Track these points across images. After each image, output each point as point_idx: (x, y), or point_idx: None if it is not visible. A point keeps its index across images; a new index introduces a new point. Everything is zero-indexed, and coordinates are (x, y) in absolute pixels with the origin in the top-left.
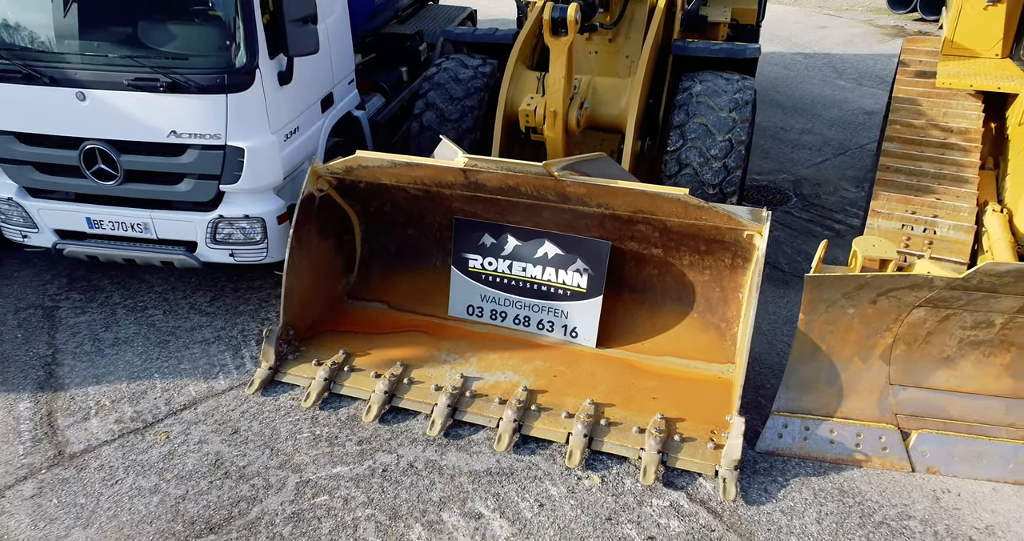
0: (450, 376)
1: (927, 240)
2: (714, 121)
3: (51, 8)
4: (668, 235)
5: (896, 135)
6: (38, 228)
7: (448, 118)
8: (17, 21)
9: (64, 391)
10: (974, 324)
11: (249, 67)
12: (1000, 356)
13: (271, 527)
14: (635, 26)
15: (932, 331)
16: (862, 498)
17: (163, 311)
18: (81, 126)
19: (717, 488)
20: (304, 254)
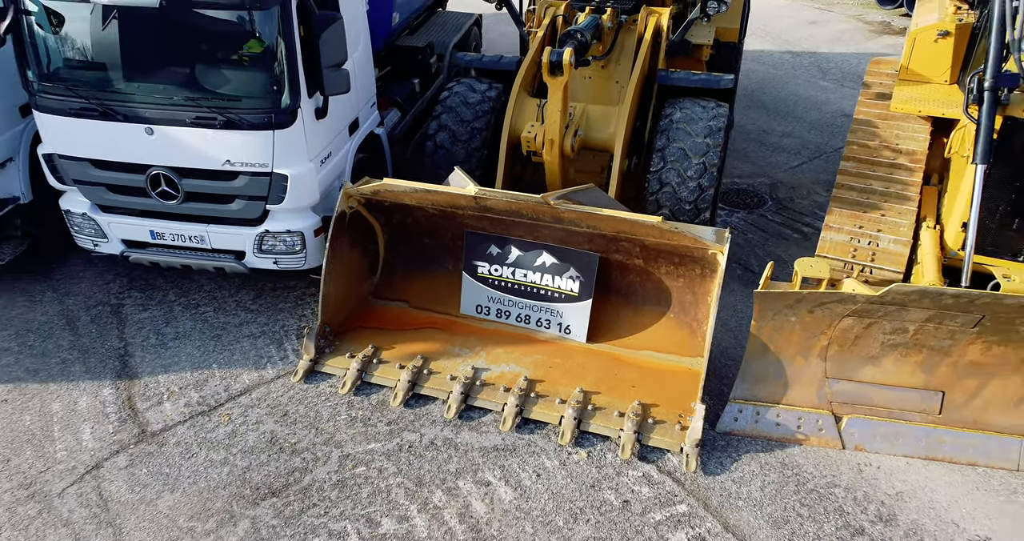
0: (463, 367)
1: (871, 251)
2: (690, 146)
3: (124, 57)
4: (647, 250)
5: (852, 155)
6: (107, 238)
7: (459, 138)
8: (95, 67)
9: (139, 379)
10: (892, 330)
11: (292, 107)
12: (914, 356)
13: (321, 492)
14: (625, 54)
15: (859, 335)
16: (799, 470)
17: (213, 308)
18: (149, 155)
19: (681, 462)
20: (337, 262)
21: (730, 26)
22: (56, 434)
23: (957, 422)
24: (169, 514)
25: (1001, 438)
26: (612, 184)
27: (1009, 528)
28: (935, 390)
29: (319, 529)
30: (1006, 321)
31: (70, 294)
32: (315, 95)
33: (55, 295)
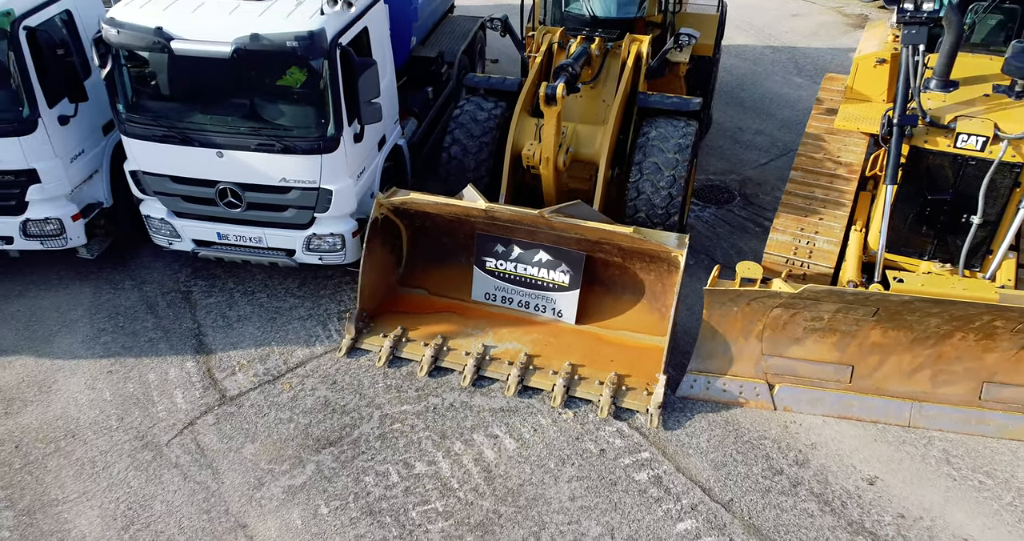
0: (475, 345)
1: (809, 250)
2: (663, 161)
3: (199, 94)
4: (624, 251)
5: (800, 166)
6: (181, 238)
7: (469, 151)
8: (175, 101)
9: (214, 354)
10: (812, 318)
11: (336, 136)
12: (830, 337)
13: (367, 443)
14: (611, 76)
15: (787, 322)
16: (738, 426)
17: (267, 295)
18: (219, 173)
19: (647, 420)
20: (372, 259)
21: (705, 42)
22: (155, 398)
23: (863, 389)
24: (252, 459)
25: (896, 401)
26: (597, 192)
27: (895, 469)
28: (846, 364)
29: (368, 470)
30: (896, 312)
31: (146, 283)
32: (353, 124)
33: (134, 283)
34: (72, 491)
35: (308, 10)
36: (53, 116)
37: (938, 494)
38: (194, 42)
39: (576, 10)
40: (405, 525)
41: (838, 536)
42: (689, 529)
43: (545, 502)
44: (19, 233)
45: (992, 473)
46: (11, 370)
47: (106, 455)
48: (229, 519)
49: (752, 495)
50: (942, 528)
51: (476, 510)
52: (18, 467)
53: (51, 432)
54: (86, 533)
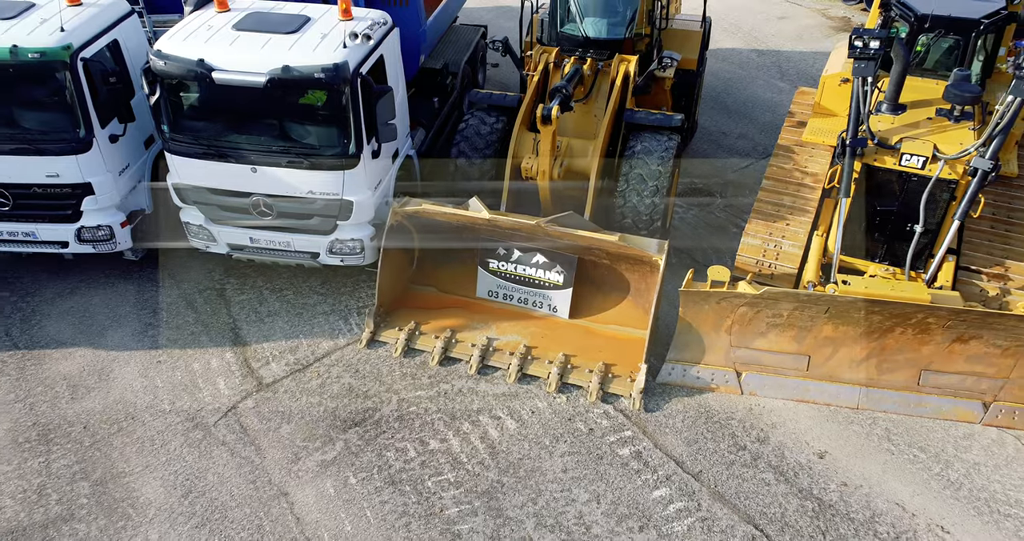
0: (479, 337)
1: (776, 252)
2: (647, 172)
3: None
4: (611, 254)
5: (771, 176)
6: (217, 242)
7: (474, 162)
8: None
9: (249, 346)
10: (773, 315)
11: (357, 153)
12: (789, 331)
13: (387, 423)
14: (601, 93)
15: (752, 318)
16: (709, 408)
17: (293, 292)
18: (253, 186)
19: (630, 403)
20: (388, 261)
21: (690, 57)
22: (201, 385)
23: (818, 376)
24: (289, 437)
25: (846, 387)
26: (588, 200)
27: (842, 445)
28: (803, 355)
29: (389, 447)
30: (844, 311)
31: (184, 281)
32: (372, 142)
33: (173, 282)
34: (136, 465)
35: (332, 43)
36: (105, 135)
37: (878, 466)
38: (233, 73)
39: (570, 31)
40: (422, 493)
41: (789, 501)
42: (664, 496)
43: (541, 473)
44: (74, 238)
45: (925, 448)
46: (72, 360)
47: (163, 434)
48: (272, 488)
49: (718, 467)
50: (878, 494)
51: (482, 480)
52: (88, 445)
53: (113, 414)
54: (151, 500)
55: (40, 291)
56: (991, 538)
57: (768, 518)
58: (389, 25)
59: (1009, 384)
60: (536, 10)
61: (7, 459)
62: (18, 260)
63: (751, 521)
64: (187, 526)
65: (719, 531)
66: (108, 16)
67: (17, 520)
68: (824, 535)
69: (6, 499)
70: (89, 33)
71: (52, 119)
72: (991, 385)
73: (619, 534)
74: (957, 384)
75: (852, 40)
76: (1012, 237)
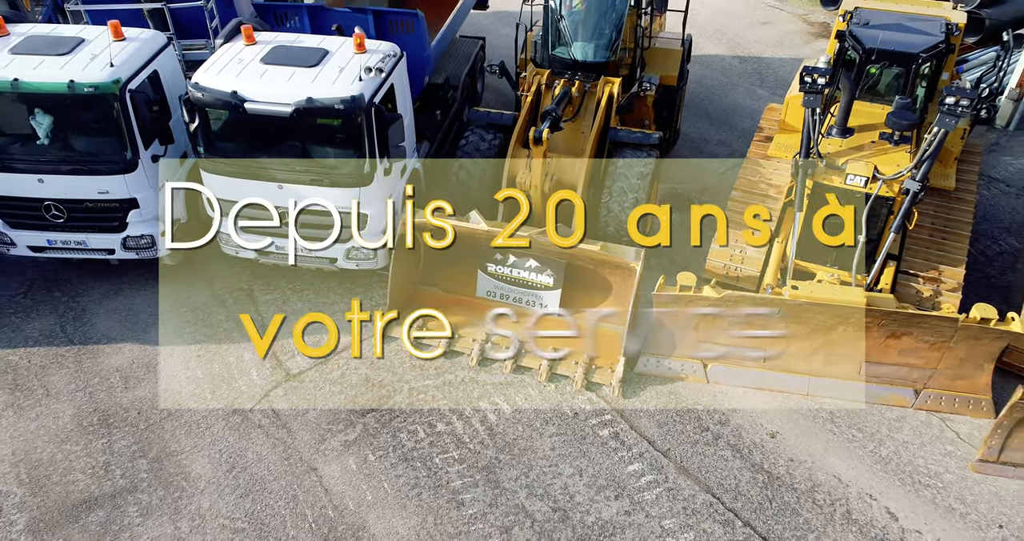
0: (479, 332)
1: (741, 257)
2: (627, 186)
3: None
4: (595, 260)
5: (739, 187)
6: (246, 248)
7: (473, 175)
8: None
9: (278, 341)
10: (733, 315)
11: (371, 173)
12: (749, 329)
13: (400, 409)
14: (588, 112)
15: (716, 317)
16: (679, 395)
17: (313, 292)
18: (279, 200)
19: (611, 391)
20: (399, 266)
21: (670, 73)
22: (236, 376)
23: (774, 367)
24: (315, 421)
25: (798, 376)
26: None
27: (791, 426)
28: (760, 349)
29: (402, 429)
30: (794, 312)
31: (215, 283)
32: (384, 162)
33: (205, 284)
34: (186, 445)
35: (349, 77)
36: (148, 156)
37: (820, 444)
38: (262, 104)
39: (560, 54)
40: (431, 468)
41: (743, 474)
42: (636, 469)
43: (532, 451)
44: (120, 246)
45: (863, 429)
46: (122, 354)
47: (206, 419)
48: (303, 464)
49: (684, 445)
50: (819, 468)
51: (482, 457)
52: (143, 428)
53: (162, 401)
54: (201, 474)
55: (88, 292)
56: (911, 504)
57: (724, 488)
58: (398, 56)
59: (937, 374)
60: (530, 28)
61: (75, 440)
62: (67, 265)
63: (710, 491)
64: (233, 496)
65: (682, 499)
66: (149, 49)
67: (89, 491)
68: (771, 503)
69: (78, 474)
70: (134, 67)
71: (103, 143)
72: (921, 375)
73: (598, 502)
74: (892, 374)
75: (802, 76)
76: (947, 245)
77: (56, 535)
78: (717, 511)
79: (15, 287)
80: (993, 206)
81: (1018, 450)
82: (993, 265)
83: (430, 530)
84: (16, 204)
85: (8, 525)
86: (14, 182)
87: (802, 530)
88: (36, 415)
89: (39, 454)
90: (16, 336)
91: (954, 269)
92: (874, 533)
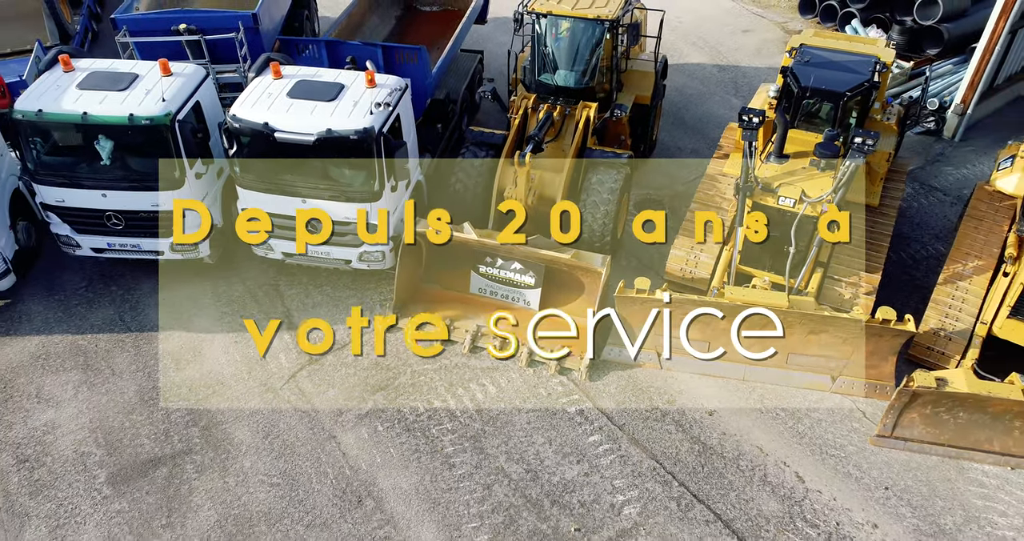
0: (471, 324)
1: (695, 263)
2: (599, 199)
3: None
4: (568, 264)
5: (698, 200)
6: (275, 251)
7: (468, 187)
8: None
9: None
10: (683, 313)
11: (379, 190)
12: (696, 324)
13: (404, 388)
14: (568, 132)
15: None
16: (636, 379)
17: (331, 287)
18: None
19: (579, 375)
20: (404, 266)
21: (644, 93)
22: (268, 359)
23: (715, 357)
24: (334, 398)
25: (736, 364)
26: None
27: (727, 406)
28: (706, 341)
29: (405, 405)
30: (729, 313)
31: (246, 279)
32: (390, 181)
33: (238, 279)
34: (229, 416)
35: (362, 110)
36: (192, 173)
37: (749, 421)
38: (290, 133)
39: (546, 80)
40: (429, 437)
41: (683, 444)
42: (596, 440)
43: (512, 424)
44: (168, 249)
45: (786, 408)
46: (171, 341)
47: (245, 395)
48: (325, 433)
49: (637, 421)
50: (746, 440)
51: (471, 428)
52: (193, 401)
53: (207, 380)
54: (243, 440)
55: (140, 287)
56: (816, 470)
57: (666, 456)
58: (404, 88)
59: (850, 364)
60: (522, 49)
61: (139, 411)
62: (123, 264)
63: (654, 458)
64: (269, 457)
65: (631, 464)
66: (192, 83)
67: (154, 453)
68: (703, 468)
69: (143, 439)
70: (181, 100)
71: (155, 164)
72: (837, 364)
73: (563, 465)
74: (813, 363)
75: (740, 115)
76: (869, 254)
77: (131, 487)
78: (659, 474)
79: (79, 282)
80: (928, 214)
81: (907, 427)
82: (919, 268)
83: (427, 486)
84: (83, 214)
85: (92, 478)
86: (81, 196)
87: (726, 490)
88: (106, 390)
89: (111, 422)
90: (83, 323)
91: (871, 275)
92: (783, 492)
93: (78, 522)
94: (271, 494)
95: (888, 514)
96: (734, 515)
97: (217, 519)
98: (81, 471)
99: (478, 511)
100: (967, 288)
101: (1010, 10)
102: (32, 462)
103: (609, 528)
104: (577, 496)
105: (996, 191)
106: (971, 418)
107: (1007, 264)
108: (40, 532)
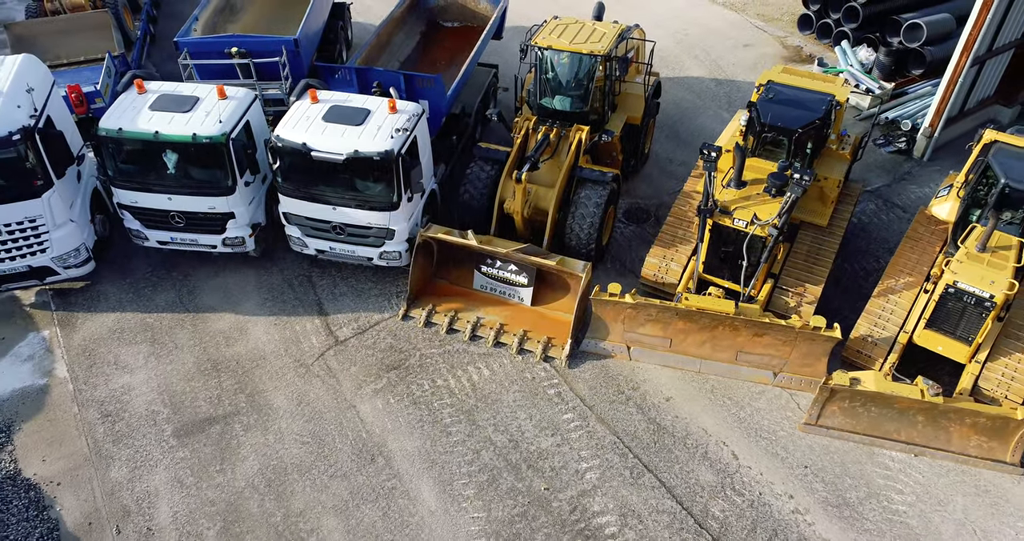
0: (472, 316)
1: (666, 269)
2: (586, 213)
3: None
4: (556, 269)
5: (673, 215)
6: (308, 248)
7: (475, 198)
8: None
9: (329, 315)
10: (646, 314)
11: (398, 201)
12: (659, 324)
13: (413, 368)
14: (563, 151)
15: (635, 314)
16: (608, 368)
17: (355, 280)
18: (334, 218)
19: (560, 363)
20: (417, 264)
21: (635, 114)
22: (301, 340)
23: (676, 351)
24: (356, 375)
25: (693, 359)
26: (547, 231)
27: (682, 394)
28: (667, 338)
29: (413, 382)
30: (686, 316)
31: (283, 270)
32: (407, 193)
33: (276, 270)
34: (269, 386)
35: (385, 133)
36: (242, 182)
37: (699, 407)
38: (324, 152)
39: (546, 103)
40: (431, 410)
41: (640, 424)
42: (569, 417)
43: (501, 402)
44: (220, 243)
45: (732, 398)
46: (222, 321)
47: (282, 370)
48: (346, 403)
49: (605, 403)
50: (694, 423)
51: (466, 404)
52: (240, 373)
53: (253, 356)
54: (281, 406)
55: (195, 274)
56: (749, 450)
57: (626, 433)
58: (421, 113)
59: (789, 362)
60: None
61: (197, 379)
62: (181, 255)
63: (616, 434)
64: (300, 421)
65: (596, 438)
66: (243, 105)
67: (209, 413)
68: (655, 444)
69: (201, 402)
70: (234, 121)
71: (212, 175)
72: (778, 362)
73: (540, 437)
74: (758, 360)
75: (701, 150)
76: (814, 268)
77: (193, 439)
78: (618, 447)
79: (145, 268)
80: (887, 229)
81: (829, 417)
82: (868, 279)
83: (428, 449)
84: (151, 213)
85: (160, 431)
86: (151, 198)
87: (672, 462)
88: (170, 361)
89: (174, 387)
90: (150, 304)
91: (815, 287)
92: (719, 467)
93: (151, 465)
94: (302, 450)
95: (803, 488)
96: (676, 483)
97: (259, 468)
98: (152, 425)
99: (467, 471)
100: (896, 301)
101: (971, 48)
102: (113, 416)
103: (573, 488)
104: (549, 462)
105: (933, 216)
106: (881, 412)
107: (927, 282)
108: (122, 471)
